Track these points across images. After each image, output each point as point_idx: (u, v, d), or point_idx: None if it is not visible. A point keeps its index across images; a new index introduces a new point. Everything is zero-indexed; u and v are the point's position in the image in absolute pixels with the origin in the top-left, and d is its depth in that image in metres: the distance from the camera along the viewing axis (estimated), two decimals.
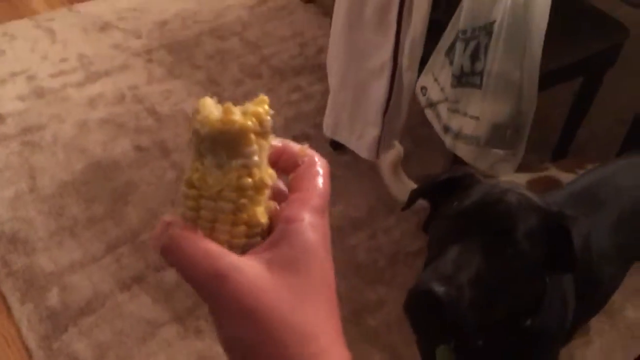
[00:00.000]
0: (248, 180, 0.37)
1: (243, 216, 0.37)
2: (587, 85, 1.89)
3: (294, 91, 2.40)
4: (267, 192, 0.38)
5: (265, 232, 0.38)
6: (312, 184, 0.38)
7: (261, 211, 0.37)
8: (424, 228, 1.90)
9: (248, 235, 0.37)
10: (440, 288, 0.73)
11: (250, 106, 0.37)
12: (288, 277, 0.34)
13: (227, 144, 0.36)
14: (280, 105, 2.34)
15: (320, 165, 0.40)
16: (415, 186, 1.49)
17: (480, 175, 0.92)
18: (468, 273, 0.77)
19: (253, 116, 0.37)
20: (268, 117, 0.37)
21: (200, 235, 0.36)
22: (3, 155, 2.05)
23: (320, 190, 0.38)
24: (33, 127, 2.16)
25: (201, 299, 0.36)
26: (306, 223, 0.36)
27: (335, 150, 2.14)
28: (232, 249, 0.37)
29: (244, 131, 0.36)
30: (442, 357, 0.97)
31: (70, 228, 1.83)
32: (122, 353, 1.55)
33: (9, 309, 1.62)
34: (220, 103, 0.38)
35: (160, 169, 2.04)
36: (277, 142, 0.40)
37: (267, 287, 0.34)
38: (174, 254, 0.36)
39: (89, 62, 2.46)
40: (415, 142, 2.13)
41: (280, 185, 0.40)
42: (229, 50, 2.58)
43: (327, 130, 1.98)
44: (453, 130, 1.59)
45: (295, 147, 0.41)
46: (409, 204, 0.99)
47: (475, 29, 1.40)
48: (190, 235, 0.36)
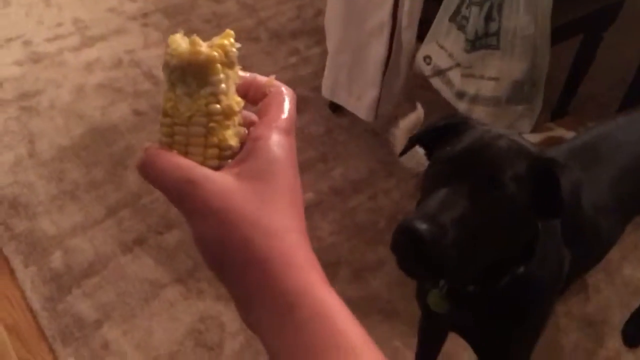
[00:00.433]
0: (216, 106, 0.40)
1: (214, 139, 0.40)
2: (588, 43, 1.88)
3: (292, 54, 2.38)
4: (237, 119, 0.41)
5: (236, 155, 0.41)
6: (278, 109, 0.42)
7: (230, 134, 0.40)
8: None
9: (220, 157, 0.40)
10: (422, 225, 0.75)
11: (216, 39, 0.40)
12: (254, 184, 0.38)
13: (196, 74, 0.39)
14: (278, 68, 2.32)
15: (286, 93, 0.43)
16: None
17: (477, 121, 0.92)
18: (452, 213, 0.78)
19: (219, 48, 0.40)
20: (233, 49, 0.40)
21: (174, 153, 0.40)
22: (1, 120, 2.05)
23: (285, 113, 0.41)
24: (30, 92, 2.15)
25: (176, 206, 0.39)
26: (271, 140, 0.39)
27: (334, 112, 2.13)
28: None
29: (210, 61, 0.39)
30: (434, 303, 0.98)
31: (71, 192, 1.84)
32: (126, 313, 1.57)
33: (13, 272, 1.64)
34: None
35: (158, 133, 2.03)
36: (246, 75, 0.43)
37: (234, 191, 0.38)
38: (150, 168, 0.39)
39: (85, 27, 2.43)
40: (414, 105, 2.12)
41: (251, 115, 0.43)
42: (226, 13, 2.55)
43: (326, 92, 1.97)
44: (469, 94, 1.59)
45: (262, 79, 0.43)
46: (406, 150, 0.99)
47: None
48: (164, 152, 0.40)
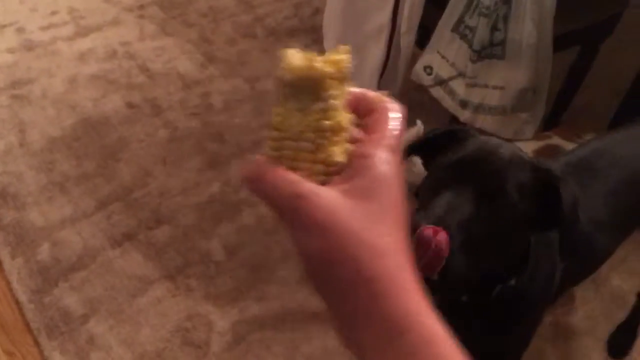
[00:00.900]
0: (326, 122, 0.39)
1: (321, 155, 0.39)
2: (584, 54, 1.89)
3: None
4: (345, 135, 0.40)
5: (341, 171, 0.40)
6: (386, 126, 0.41)
7: (338, 151, 0.40)
8: (417, 194, 1.91)
9: (326, 173, 0.40)
10: (428, 222, 0.75)
11: (330, 55, 0.40)
12: (360, 202, 0.38)
13: (308, 89, 0.39)
14: (273, 66, 2.30)
15: (394, 109, 0.42)
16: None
17: (475, 131, 0.92)
18: (458, 216, 0.77)
19: (333, 64, 0.39)
20: (346, 65, 0.40)
21: (283, 167, 0.40)
22: None
23: (392, 131, 0.41)
24: (22, 81, 2.13)
25: (281, 220, 0.39)
26: (378, 158, 0.39)
27: None
28: None
29: (324, 77, 0.39)
30: None
31: (60, 184, 1.82)
32: (113, 308, 1.56)
33: (0, 263, 1.62)
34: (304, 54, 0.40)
35: (151, 127, 2.02)
36: (356, 90, 0.42)
37: (341, 208, 0.37)
38: (259, 181, 0.40)
39: (80, 16, 2.41)
40: (409, 107, 2.12)
41: (355, 132, 0.42)
42: (222, 8, 2.54)
43: None
44: (473, 103, 1.60)
45: (372, 94, 0.43)
46: (405, 157, 0.99)
47: (497, 1, 1.40)
48: (273, 166, 0.40)
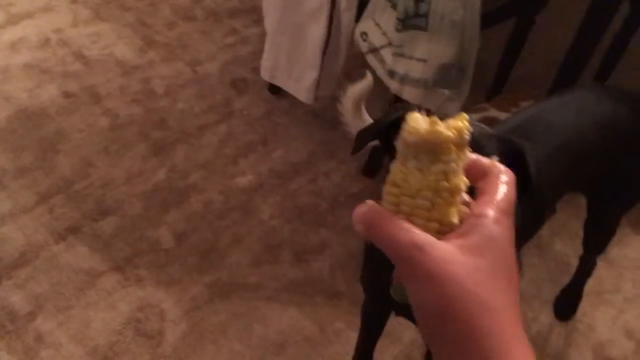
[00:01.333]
0: (445, 183, 0.41)
1: (437, 214, 0.41)
2: (520, 26, 1.92)
3: (230, 34, 2.34)
4: (460, 198, 0.42)
5: (452, 231, 0.42)
6: (499, 189, 0.43)
7: (453, 211, 0.42)
8: (365, 172, 1.92)
9: (439, 231, 0.41)
10: None
11: (451, 121, 0.42)
12: (473, 258, 0.39)
13: (430, 151, 0.41)
14: (215, 49, 2.27)
15: (506, 174, 0.44)
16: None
17: (430, 109, 0.92)
18: None
19: (454, 129, 0.41)
20: (467, 132, 0.42)
21: (401, 217, 0.42)
22: None
23: (505, 194, 0.43)
24: None
25: (398, 269, 0.41)
26: (491, 218, 0.41)
27: (273, 94, 2.11)
28: None
29: (446, 141, 0.41)
30: (400, 295, 0.98)
31: None
32: (61, 304, 1.52)
33: None
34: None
35: (91, 116, 1.96)
36: (471, 155, 0.44)
37: (456, 262, 0.39)
38: (376, 227, 0.41)
39: (9, 3, 2.30)
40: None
41: (465, 196, 0.44)
42: None
43: (265, 73, 1.94)
44: (399, 74, 1.60)
45: (485, 161, 0.45)
46: (359, 147, 0.95)
47: None
48: (392, 214, 0.42)
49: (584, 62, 1.77)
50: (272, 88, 2.09)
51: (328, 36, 1.68)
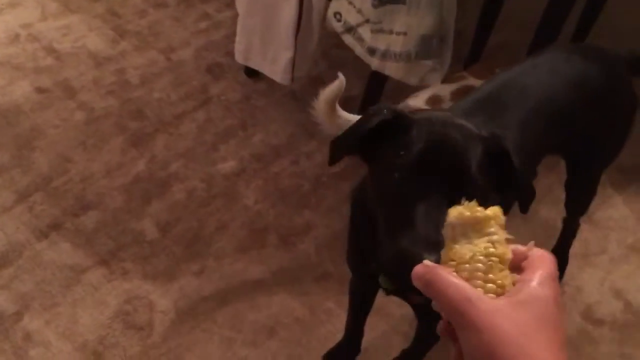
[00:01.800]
0: (493, 249, 0.48)
1: (492, 277, 0.47)
2: None
3: (202, 19, 2.30)
4: (508, 265, 0.48)
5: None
6: (541, 263, 0.48)
7: (506, 275, 0.48)
8: (331, 163, 1.90)
9: (496, 293, 0.47)
10: (432, 257, 0.64)
11: (489, 207, 0.50)
12: (519, 313, 0.44)
13: (476, 228, 0.49)
14: (188, 34, 2.24)
15: (546, 253, 0.50)
16: (350, 118, 1.43)
17: (409, 111, 0.89)
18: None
19: (491, 210, 0.50)
20: (502, 217, 0.50)
21: (454, 273, 0.48)
22: None
23: (547, 266, 0.48)
24: None
25: (450, 319, 0.46)
26: (536, 280, 0.46)
27: (250, 77, 2.09)
28: None
29: (487, 217, 0.49)
30: (387, 284, 0.97)
31: None
32: (47, 302, 1.50)
33: None
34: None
35: (66, 111, 1.93)
36: (511, 246, 0.50)
37: (503, 314, 0.44)
38: (433, 282, 0.47)
39: None
40: (331, 65, 2.11)
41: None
42: None
43: (239, 56, 1.92)
44: (380, 50, 1.58)
45: (523, 247, 0.50)
46: (335, 159, 0.92)
47: None
48: (446, 271, 0.48)
49: (559, 26, 1.76)
50: (249, 71, 2.06)
51: (300, 16, 1.65)
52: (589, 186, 1.45)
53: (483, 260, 0.47)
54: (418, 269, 0.48)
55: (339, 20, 1.63)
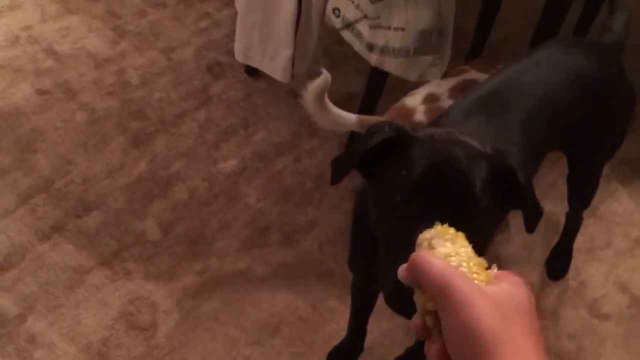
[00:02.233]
0: (472, 253, 0.52)
1: (475, 270, 0.50)
2: None
3: (202, 18, 2.30)
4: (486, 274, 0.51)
5: None
6: (510, 274, 0.51)
7: (488, 273, 0.50)
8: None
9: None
10: None
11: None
12: (501, 299, 0.46)
13: (450, 240, 0.53)
14: (189, 34, 2.23)
15: (512, 272, 0.52)
16: (341, 114, 1.43)
17: (411, 128, 0.86)
18: None
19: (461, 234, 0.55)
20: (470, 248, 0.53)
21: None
22: None
23: (517, 276, 0.50)
24: None
25: (434, 298, 0.47)
26: (512, 283, 0.49)
27: (251, 76, 2.08)
28: None
29: (461, 234, 0.54)
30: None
31: None
32: (50, 304, 1.50)
33: None
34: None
35: (67, 112, 1.93)
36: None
37: (485, 295, 0.46)
38: (419, 265, 0.48)
39: None
40: (331, 62, 2.10)
41: None
42: None
43: (239, 55, 1.91)
44: (379, 46, 1.57)
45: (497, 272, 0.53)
46: (337, 178, 0.91)
47: None
48: (430, 254, 0.50)
49: (561, 20, 1.74)
50: (249, 70, 2.06)
51: (299, 12, 1.65)
52: (591, 180, 1.44)
53: (465, 258, 0.50)
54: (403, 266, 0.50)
55: (338, 16, 1.62)
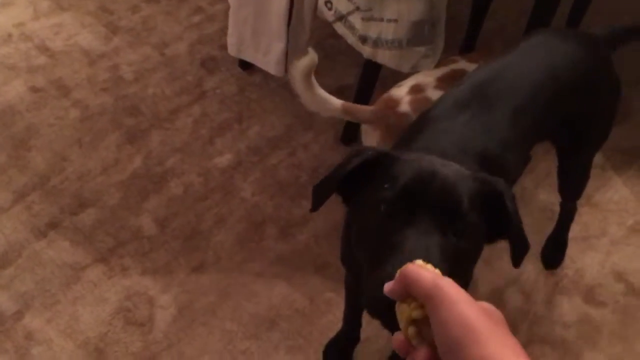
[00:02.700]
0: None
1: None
2: None
3: (195, 13, 2.29)
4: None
5: None
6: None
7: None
8: (343, 140, 1.89)
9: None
10: None
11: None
12: (481, 305, 0.51)
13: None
14: (182, 29, 2.23)
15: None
16: (327, 97, 1.44)
17: (394, 151, 0.85)
18: (433, 261, 0.64)
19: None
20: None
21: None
22: None
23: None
24: None
25: (425, 301, 0.51)
26: (487, 304, 0.53)
27: (244, 70, 2.08)
28: None
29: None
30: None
31: None
32: (47, 301, 1.50)
33: None
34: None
35: (61, 109, 1.92)
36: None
37: (471, 299, 0.50)
38: (409, 275, 0.53)
39: None
40: (325, 55, 2.10)
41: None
42: None
43: (232, 49, 1.91)
44: (371, 38, 1.57)
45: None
46: (318, 204, 0.91)
47: None
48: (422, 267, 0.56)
49: (553, 10, 1.74)
50: (243, 64, 2.05)
51: (291, 5, 1.64)
52: (582, 171, 1.44)
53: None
54: (388, 284, 0.54)
55: (330, 8, 1.62)
